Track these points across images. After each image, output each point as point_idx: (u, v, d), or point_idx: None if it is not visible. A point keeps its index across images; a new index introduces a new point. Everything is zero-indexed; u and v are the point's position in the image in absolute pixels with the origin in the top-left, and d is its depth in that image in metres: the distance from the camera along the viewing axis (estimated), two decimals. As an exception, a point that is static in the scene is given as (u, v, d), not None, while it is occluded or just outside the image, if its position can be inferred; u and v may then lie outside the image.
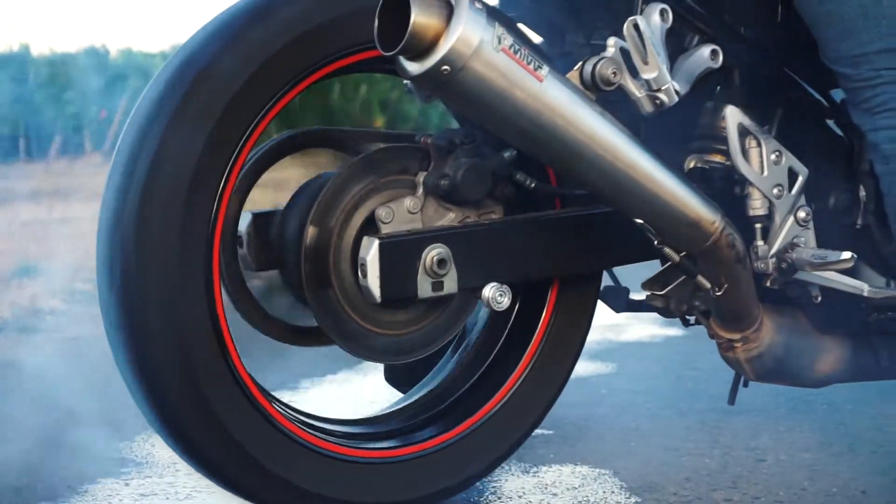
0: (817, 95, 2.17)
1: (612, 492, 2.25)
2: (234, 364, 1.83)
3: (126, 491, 2.27)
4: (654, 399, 2.83)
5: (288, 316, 2.01)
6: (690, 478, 2.31)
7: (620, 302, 2.29)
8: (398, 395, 2.31)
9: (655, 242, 2.00)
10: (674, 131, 2.09)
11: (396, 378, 2.39)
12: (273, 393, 2.01)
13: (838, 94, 2.16)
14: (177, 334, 1.80)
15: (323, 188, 1.87)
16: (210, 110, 1.79)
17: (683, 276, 2.10)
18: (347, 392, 3.07)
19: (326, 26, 1.87)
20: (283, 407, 1.96)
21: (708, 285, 2.07)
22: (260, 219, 1.95)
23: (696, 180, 2.07)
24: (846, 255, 2.04)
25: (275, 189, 2.06)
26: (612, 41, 1.90)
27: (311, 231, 1.85)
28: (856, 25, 2.03)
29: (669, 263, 2.07)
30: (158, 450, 2.47)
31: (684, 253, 2.03)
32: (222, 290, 1.86)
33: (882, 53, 2.02)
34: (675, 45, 1.98)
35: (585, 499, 2.20)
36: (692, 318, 2.24)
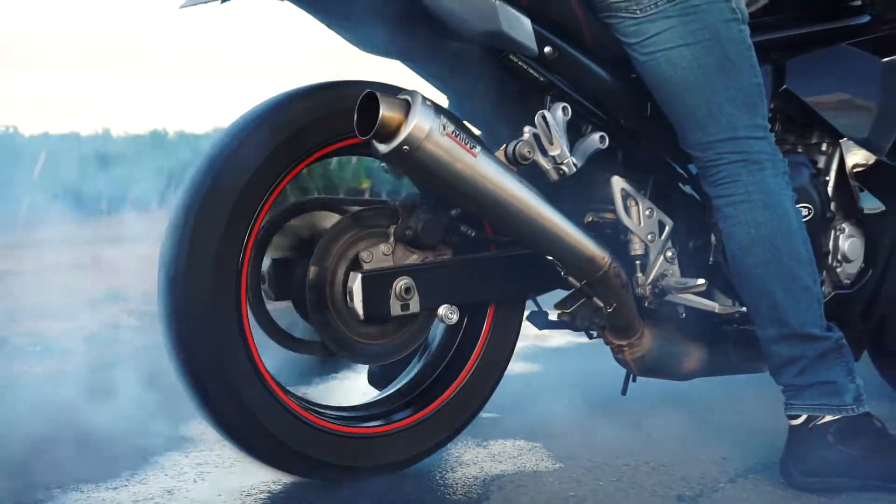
0: (679, 168, 2.34)
1: (542, 459, 2.39)
2: (259, 368, 2.00)
3: (186, 461, 2.41)
4: (571, 390, 2.95)
5: (297, 332, 2.18)
6: (599, 449, 2.44)
7: (542, 321, 2.43)
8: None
9: (562, 273, 2.17)
10: (577, 194, 2.24)
11: (376, 381, 2.56)
12: (290, 388, 2.18)
13: (694, 168, 2.33)
14: (216, 347, 1.95)
15: (320, 239, 2.04)
16: (237, 183, 1.94)
17: (584, 299, 2.26)
18: (346, 386, 3.17)
19: (317, 123, 2.04)
20: (297, 398, 2.11)
21: (601, 304, 2.21)
22: (277, 262, 2.12)
23: (594, 229, 2.23)
24: (700, 281, 2.22)
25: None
26: (527, 129, 2.02)
27: (312, 270, 2.01)
28: (704, 121, 2.15)
29: (574, 290, 2.24)
30: (209, 431, 2.53)
31: (584, 281, 2.19)
32: (249, 314, 2.03)
33: (723, 142, 2.14)
34: (574, 132, 2.14)
35: (523, 465, 2.36)
36: (594, 332, 2.39)
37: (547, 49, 2.07)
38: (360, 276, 2.00)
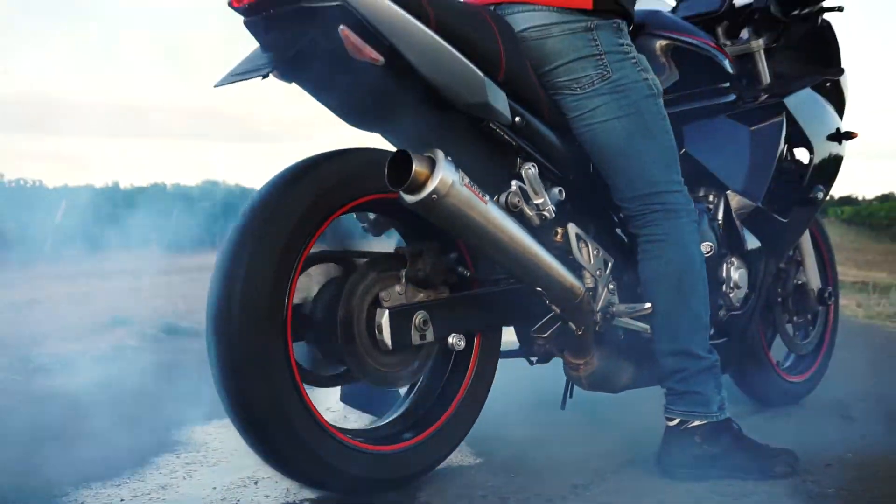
0: (613, 215, 2.39)
1: (467, 456, 2.39)
2: (305, 398, 1.90)
3: (177, 461, 2.36)
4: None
5: (322, 369, 2.11)
6: (513, 447, 2.44)
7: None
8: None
9: (547, 301, 2.15)
10: (538, 237, 2.15)
11: (352, 401, 2.44)
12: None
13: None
14: (269, 383, 1.84)
15: (346, 283, 2.00)
16: (281, 232, 1.86)
17: (559, 323, 2.21)
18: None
19: (346, 180, 1.98)
20: (329, 423, 2.01)
21: (574, 328, 2.19)
22: (296, 307, 1.99)
23: None
24: (647, 305, 2.23)
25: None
26: (514, 183, 2.05)
27: (342, 310, 1.97)
28: (632, 179, 2.22)
29: (551, 315, 2.20)
30: (196, 434, 2.53)
31: (563, 308, 2.17)
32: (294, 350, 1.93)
33: (647, 195, 2.21)
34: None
35: (450, 461, 2.28)
36: (535, 359, 2.39)
37: (517, 119, 2.09)
38: (386, 311, 1.97)
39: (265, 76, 1.89)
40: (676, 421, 2.21)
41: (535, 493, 2.12)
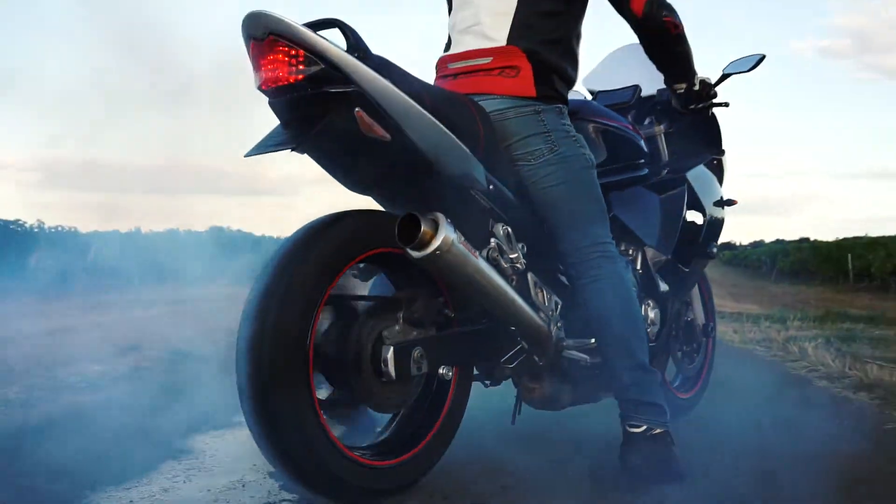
0: (560, 266, 2.38)
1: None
2: (322, 421, 1.87)
3: (179, 467, 2.34)
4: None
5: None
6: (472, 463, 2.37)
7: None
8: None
9: (518, 338, 2.22)
10: None
11: (336, 416, 2.22)
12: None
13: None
14: (295, 411, 1.80)
15: (356, 324, 1.99)
16: (308, 277, 1.84)
17: (524, 356, 2.26)
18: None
19: (359, 236, 1.97)
20: (345, 447, 1.95)
21: (537, 358, 2.26)
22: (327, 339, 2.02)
23: None
24: (592, 340, 2.28)
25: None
26: (493, 240, 2.12)
27: (353, 347, 1.96)
28: (576, 234, 2.24)
29: (519, 348, 2.25)
30: (196, 443, 2.53)
31: (531, 342, 2.24)
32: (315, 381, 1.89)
33: (588, 246, 2.24)
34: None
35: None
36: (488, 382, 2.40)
37: (491, 186, 2.11)
38: (391, 348, 1.95)
39: (293, 149, 1.86)
40: (643, 428, 2.20)
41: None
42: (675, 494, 2.10)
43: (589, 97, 2.96)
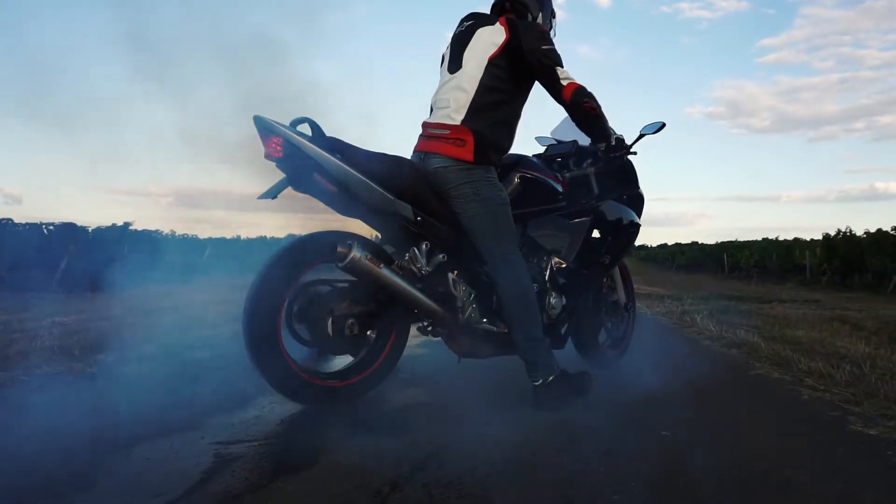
0: (479, 268, 2.37)
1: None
2: (286, 356, 2.08)
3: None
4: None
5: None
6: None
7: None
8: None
9: (420, 315, 2.28)
10: (433, 282, 2.31)
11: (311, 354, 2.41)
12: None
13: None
14: (272, 344, 2.03)
15: (319, 300, 2.15)
16: (283, 274, 2.07)
17: (429, 326, 2.34)
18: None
19: (317, 249, 2.14)
20: (306, 370, 2.16)
21: (442, 329, 2.33)
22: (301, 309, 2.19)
23: (440, 297, 2.32)
24: (484, 320, 2.33)
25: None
26: (408, 254, 2.23)
27: (313, 313, 2.13)
28: (493, 248, 2.26)
29: (424, 322, 2.34)
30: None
31: (431, 320, 2.29)
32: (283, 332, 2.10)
33: (501, 254, 2.25)
34: (430, 254, 2.28)
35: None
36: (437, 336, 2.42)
37: (419, 218, 2.20)
38: (330, 318, 2.13)
39: (295, 189, 2.12)
40: (540, 381, 2.22)
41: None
42: (580, 410, 2.16)
43: (553, 142, 2.97)
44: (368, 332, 2.25)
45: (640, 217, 3.04)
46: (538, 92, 2.36)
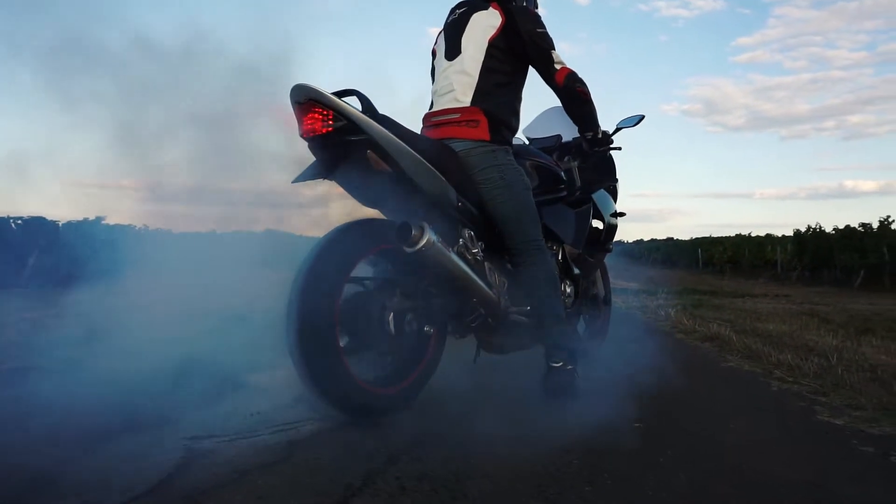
0: (507, 257, 2.35)
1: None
2: (342, 358, 1.84)
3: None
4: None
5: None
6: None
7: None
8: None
9: (479, 305, 2.21)
10: None
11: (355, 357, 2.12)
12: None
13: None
14: (328, 346, 1.80)
15: (370, 295, 1.99)
16: (334, 267, 1.85)
17: (481, 319, 2.24)
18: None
19: (370, 236, 1.97)
20: (358, 378, 1.89)
21: (491, 321, 2.27)
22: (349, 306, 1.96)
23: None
24: (528, 307, 2.30)
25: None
26: (461, 240, 2.12)
27: (366, 310, 1.96)
28: (519, 234, 2.25)
29: (478, 313, 2.23)
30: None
31: (487, 310, 2.24)
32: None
33: (526, 242, 2.25)
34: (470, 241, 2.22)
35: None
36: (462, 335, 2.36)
37: (459, 203, 2.12)
38: (392, 312, 1.98)
39: (325, 178, 1.92)
40: (560, 364, 2.24)
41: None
42: (553, 403, 2.16)
43: (526, 142, 2.97)
44: (426, 328, 2.12)
45: (616, 206, 3.12)
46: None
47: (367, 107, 1.91)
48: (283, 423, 1.94)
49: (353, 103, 1.88)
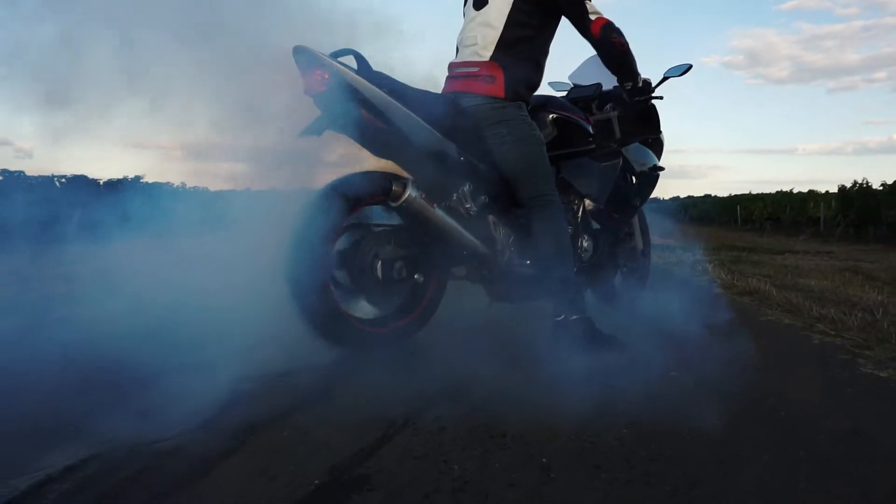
0: (517, 211, 2.36)
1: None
2: (337, 304, 1.98)
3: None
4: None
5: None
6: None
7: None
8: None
9: (466, 255, 2.27)
10: (474, 224, 2.28)
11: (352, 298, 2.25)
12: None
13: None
14: (321, 284, 1.92)
15: (363, 242, 2.09)
16: (332, 215, 1.95)
17: (473, 269, 2.35)
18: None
19: (364, 189, 2.04)
20: (352, 317, 2.06)
21: (483, 270, 2.33)
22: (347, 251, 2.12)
23: (484, 237, 2.31)
24: (528, 261, 2.32)
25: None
26: (455, 195, 2.19)
27: (360, 257, 2.07)
28: (529, 188, 2.24)
29: (469, 264, 2.32)
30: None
31: (476, 262, 2.30)
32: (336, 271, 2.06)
33: (537, 196, 2.24)
34: (473, 195, 2.26)
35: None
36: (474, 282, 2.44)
37: (461, 158, 2.15)
38: (380, 260, 2.07)
39: (331, 128, 2.00)
40: (562, 317, 2.22)
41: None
42: (607, 352, 2.13)
43: (571, 86, 2.92)
44: (416, 276, 2.20)
45: (659, 161, 3.02)
46: (559, 35, 2.29)
47: (363, 66, 1.99)
48: (321, 367, 1.99)
49: (349, 63, 1.98)
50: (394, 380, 1.85)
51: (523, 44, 2.23)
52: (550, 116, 2.47)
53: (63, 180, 9.88)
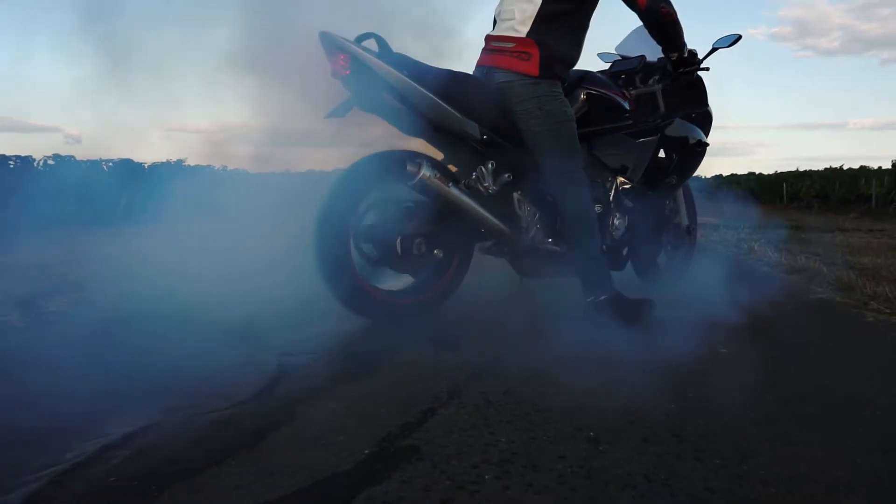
0: (544, 188, 2.32)
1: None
2: (357, 276, 2.10)
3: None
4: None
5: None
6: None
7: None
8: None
9: (485, 233, 2.32)
10: (498, 203, 2.30)
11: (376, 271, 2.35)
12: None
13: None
14: (346, 263, 2.06)
15: (385, 218, 2.17)
16: (351, 192, 2.07)
17: (494, 245, 2.39)
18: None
19: (386, 166, 2.11)
20: (374, 289, 2.18)
21: (507, 248, 2.36)
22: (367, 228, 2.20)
23: (506, 215, 2.33)
24: (551, 239, 2.34)
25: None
26: (475, 173, 2.22)
27: (381, 233, 2.15)
28: (557, 166, 2.21)
29: (490, 241, 2.38)
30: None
31: (496, 239, 2.34)
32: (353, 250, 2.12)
33: (565, 173, 2.22)
34: (497, 173, 2.27)
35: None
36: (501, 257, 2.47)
37: (484, 136, 2.17)
38: (399, 236, 2.13)
39: (360, 108, 2.11)
40: (591, 298, 2.22)
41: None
42: (638, 328, 2.12)
43: (619, 58, 2.83)
44: (435, 251, 2.24)
45: (707, 136, 2.92)
46: (602, 6, 2.25)
47: (384, 49, 2.06)
48: (364, 342, 2.03)
49: (371, 47, 2.05)
50: (436, 356, 1.87)
51: (562, 19, 2.18)
52: (584, 92, 2.45)
53: (110, 164, 10.21)
